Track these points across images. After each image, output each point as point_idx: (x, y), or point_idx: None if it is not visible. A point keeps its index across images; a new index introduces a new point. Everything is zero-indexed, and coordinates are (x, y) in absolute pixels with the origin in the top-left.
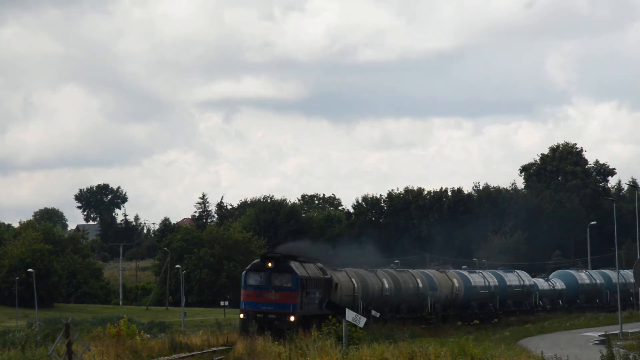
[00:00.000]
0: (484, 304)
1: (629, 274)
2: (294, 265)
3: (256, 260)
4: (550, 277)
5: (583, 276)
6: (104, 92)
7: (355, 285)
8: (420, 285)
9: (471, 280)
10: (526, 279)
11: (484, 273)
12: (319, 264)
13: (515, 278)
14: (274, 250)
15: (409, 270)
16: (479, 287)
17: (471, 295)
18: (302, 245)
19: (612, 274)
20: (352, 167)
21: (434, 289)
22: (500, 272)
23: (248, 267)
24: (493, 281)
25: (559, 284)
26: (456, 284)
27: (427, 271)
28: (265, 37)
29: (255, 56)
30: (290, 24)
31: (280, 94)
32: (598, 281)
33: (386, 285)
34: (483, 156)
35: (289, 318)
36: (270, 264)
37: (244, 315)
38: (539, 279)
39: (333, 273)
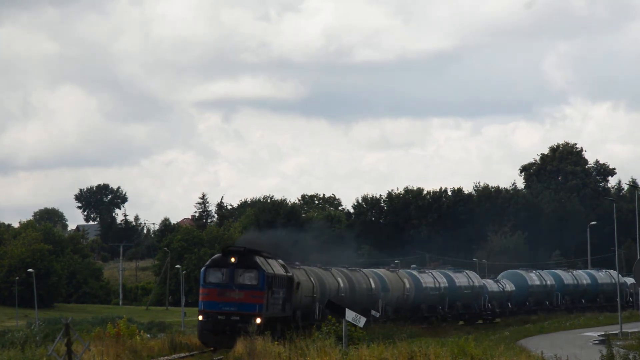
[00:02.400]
0: (434, 306)
1: (581, 275)
2: (259, 260)
3: (217, 255)
4: (499, 278)
5: (533, 277)
6: (102, 92)
7: (314, 284)
8: (373, 285)
9: (422, 281)
10: (476, 279)
11: (433, 273)
12: (280, 261)
13: (465, 279)
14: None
15: (362, 269)
16: (429, 289)
17: (421, 297)
18: (264, 237)
19: (563, 274)
20: (351, 167)
21: (386, 290)
22: (450, 272)
23: (208, 262)
24: (443, 282)
25: (509, 286)
26: (407, 285)
27: (378, 271)
28: (263, 37)
29: (253, 57)
30: (287, 25)
31: (278, 94)
32: (548, 282)
33: (341, 286)
34: (481, 156)
35: (255, 320)
36: (233, 259)
37: (203, 317)
38: (489, 280)
39: (293, 271)
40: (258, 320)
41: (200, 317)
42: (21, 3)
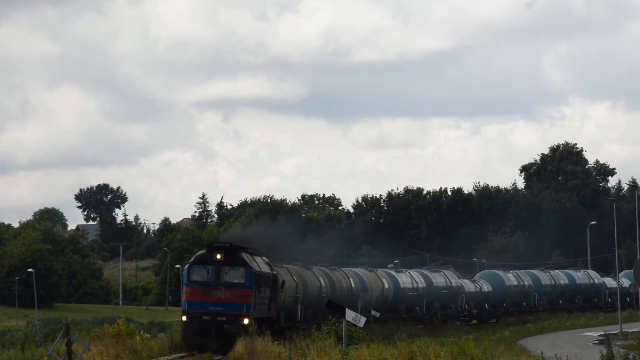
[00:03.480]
0: (411, 307)
1: (559, 275)
2: (246, 257)
3: (201, 252)
4: (476, 278)
5: (510, 277)
6: (101, 92)
7: (297, 284)
8: (353, 285)
9: (400, 281)
10: (453, 279)
11: (411, 273)
12: (264, 258)
13: (442, 278)
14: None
15: (341, 268)
16: (407, 289)
17: (400, 298)
18: (249, 233)
19: (540, 274)
20: (350, 167)
21: (365, 290)
22: (427, 272)
23: (192, 259)
24: (420, 282)
25: (486, 286)
26: (386, 285)
27: (357, 270)
28: (261, 37)
29: (251, 57)
30: (285, 25)
31: (277, 94)
32: (526, 282)
33: (323, 285)
34: (480, 156)
35: (242, 321)
36: (219, 256)
37: (187, 318)
38: (465, 280)
39: (277, 269)
40: (246, 321)
41: (184, 318)
42: (19, 2)
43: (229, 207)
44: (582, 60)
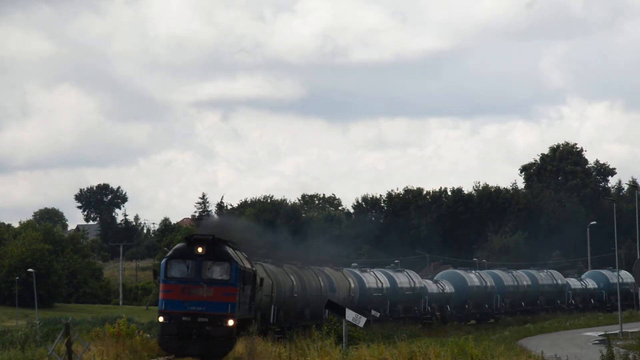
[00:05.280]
0: (376, 308)
1: (522, 275)
2: (230, 251)
3: (180, 244)
4: (437, 278)
5: (473, 277)
6: (100, 92)
7: (273, 283)
8: (322, 285)
9: (365, 281)
10: (417, 280)
11: (375, 273)
12: (243, 253)
13: (406, 279)
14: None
15: (311, 267)
16: (372, 289)
17: (365, 299)
18: (231, 226)
19: (503, 275)
20: (349, 167)
21: (333, 290)
22: (391, 272)
23: (170, 253)
24: (385, 282)
25: (448, 287)
26: (352, 285)
27: (324, 269)
28: (259, 38)
29: (250, 57)
30: (282, 25)
31: (276, 94)
32: (488, 283)
33: (295, 284)
34: (479, 156)
35: (227, 322)
36: (200, 249)
37: (164, 319)
38: (428, 281)
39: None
40: (230, 322)
41: (161, 319)
42: (17, 1)
43: (229, 207)
44: (580, 60)
